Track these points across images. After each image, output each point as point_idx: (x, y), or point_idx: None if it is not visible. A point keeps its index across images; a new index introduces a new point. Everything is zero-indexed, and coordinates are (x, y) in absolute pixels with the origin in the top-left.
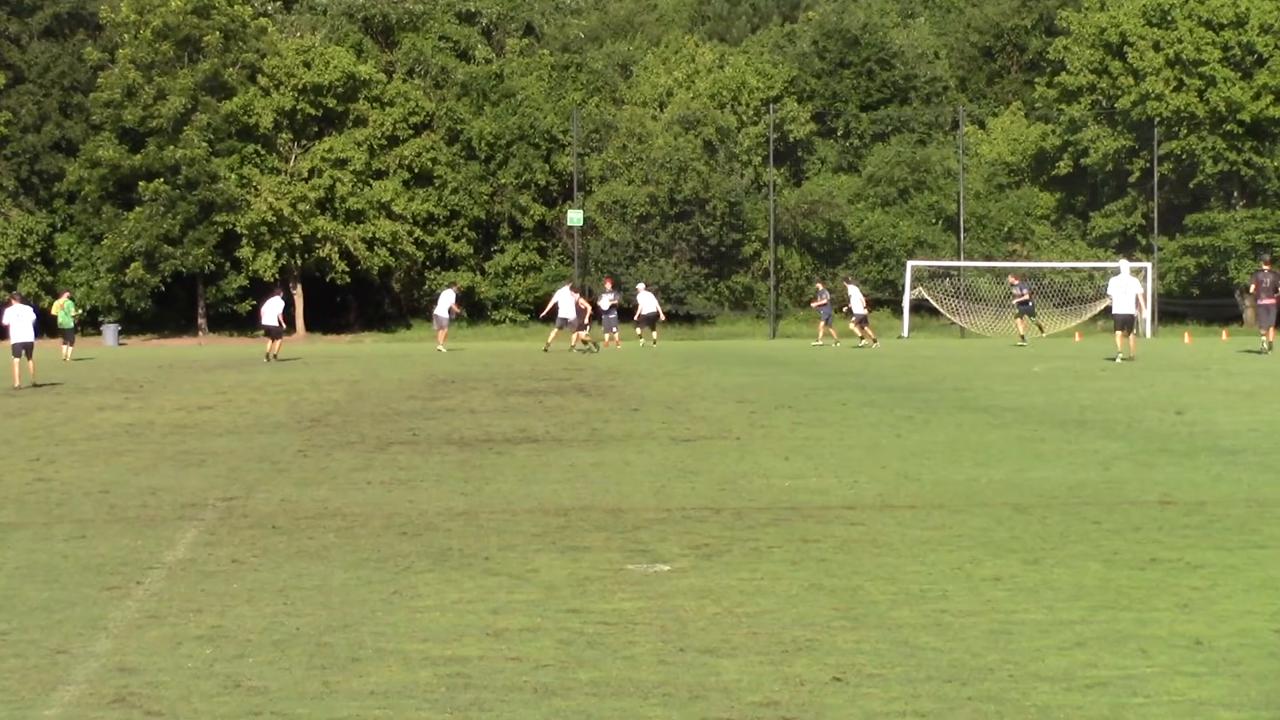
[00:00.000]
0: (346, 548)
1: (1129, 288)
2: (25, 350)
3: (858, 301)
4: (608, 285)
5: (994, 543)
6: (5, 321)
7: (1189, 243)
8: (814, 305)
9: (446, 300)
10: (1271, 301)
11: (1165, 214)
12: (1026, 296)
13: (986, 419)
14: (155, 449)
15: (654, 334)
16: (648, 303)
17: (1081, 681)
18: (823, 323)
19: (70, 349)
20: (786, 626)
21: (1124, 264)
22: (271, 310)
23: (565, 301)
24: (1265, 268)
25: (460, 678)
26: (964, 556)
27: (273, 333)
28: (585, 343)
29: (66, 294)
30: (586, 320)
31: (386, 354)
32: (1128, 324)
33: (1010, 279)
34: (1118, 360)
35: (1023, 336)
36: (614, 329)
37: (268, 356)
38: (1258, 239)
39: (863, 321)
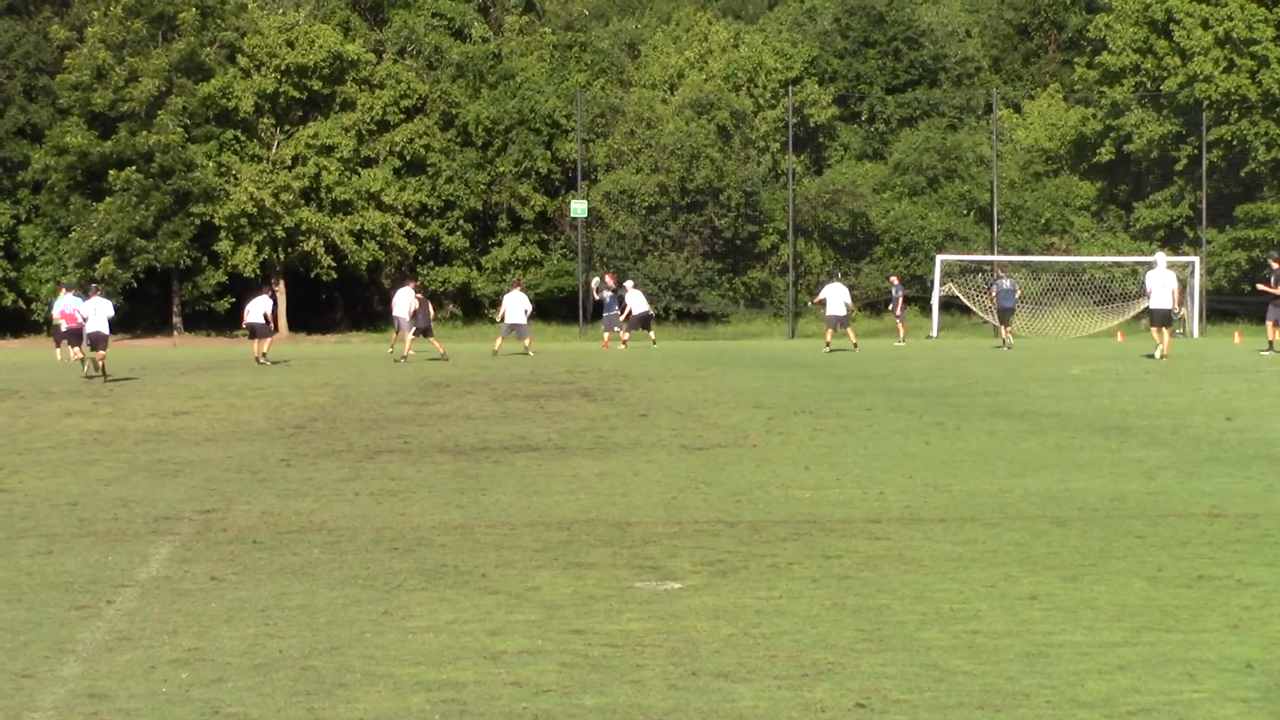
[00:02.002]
0: (333, 564)
1: (1166, 281)
2: (97, 342)
3: (837, 303)
4: (609, 280)
5: (1030, 559)
6: (83, 315)
7: (1240, 235)
8: (897, 311)
9: (406, 299)
10: None
11: (1214, 204)
12: (902, 299)
13: (1022, 426)
14: (127, 458)
15: (651, 334)
16: (639, 302)
17: (1124, 708)
18: (898, 320)
19: (77, 349)
20: (806, 649)
21: (1160, 256)
22: (257, 308)
23: (401, 301)
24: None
25: (455, 704)
26: (998, 573)
27: (258, 331)
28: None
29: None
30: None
31: (375, 355)
32: (1165, 319)
33: (893, 279)
34: (1157, 357)
35: (902, 337)
36: (617, 327)
37: (259, 359)
38: None
39: (844, 323)
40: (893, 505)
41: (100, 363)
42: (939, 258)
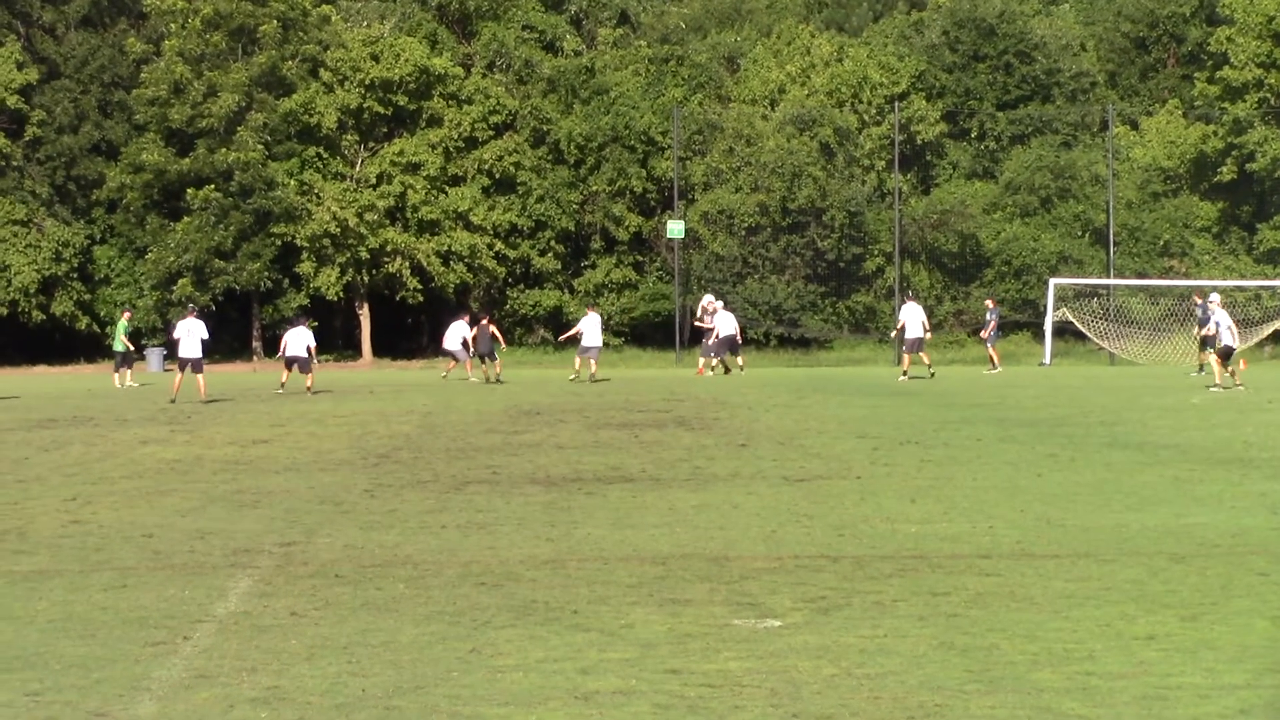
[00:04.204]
0: (418, 600)
1: (1224, 317)
2: (190, 366)
3: (915, 325)
4: (709, 305)
5: (1147, 596)
6: (176, 335)
7: None
8: (984, 334)
9: (459, 331)
10: None
11: None
12: (995, 324)
13: (1139, 457)
14: (204, 488)
15: (739, 359)
16: (727, 324)
17: None
18: (990, 347)
19: (118, 374)
20: (912, 690)
21: (1215, 296)
22: (299, 340)
23: (454, 335)
24: None
25: None
26: (1113, 612)
27: (302, 365)
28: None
29: (126, 313)
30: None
31: (463, 382)
32: (1229, 352)
33: (988, 302)
34: (1225, 386)
35: (995, 364)
36: (710, 354)
37: (282, 386)
38: None
39: (920, 346)
40: (1003, 540)
41: (200, 388)
42: (1052, 281)
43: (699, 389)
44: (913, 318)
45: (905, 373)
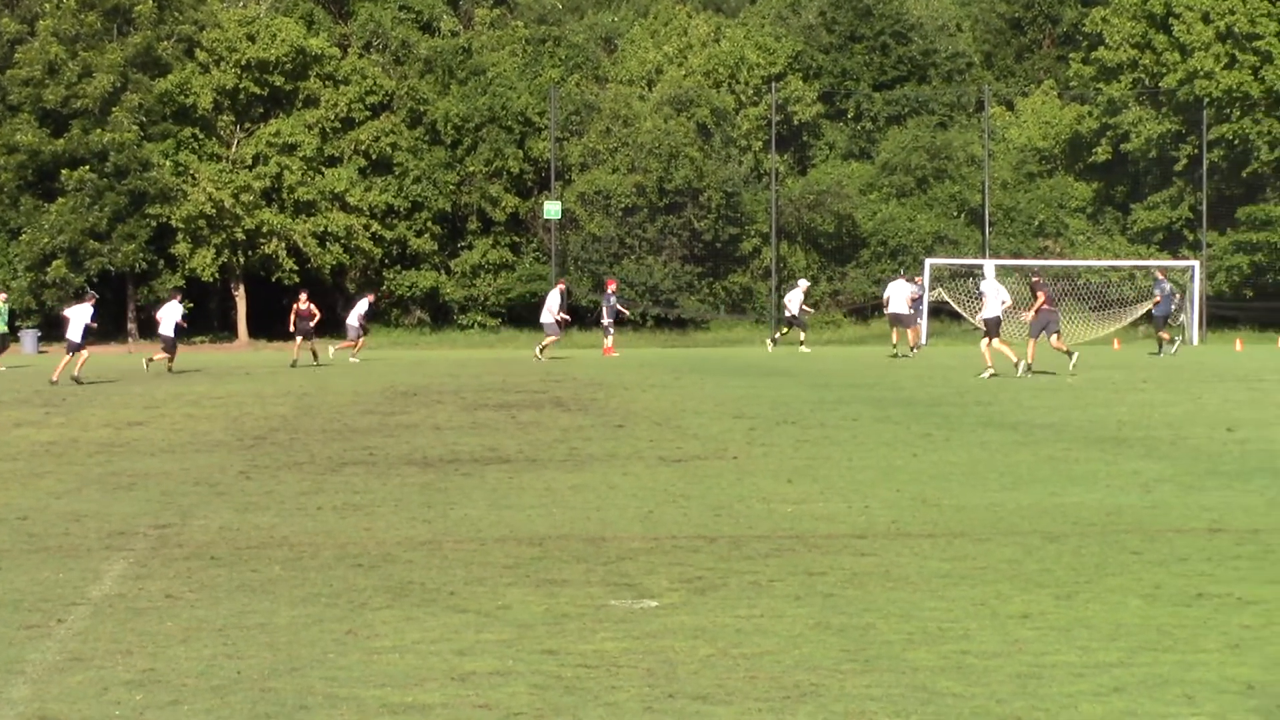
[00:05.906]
0: (294, 581)
1: (998, 291)
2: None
3: (900, 301)
4: (610, 287)
5: (1022, 575)
6: (159, 317)
7: (1241, 238)
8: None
9: (360, 310)
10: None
11: (1215, 206)
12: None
13: (1014, 437)
14: (79, 470)
15: (801, 334)
16: (792, 302)
17: None
18: (912, 327)
19: None
20: (789, 669)
21: (989, 264)
22: (170, 317)
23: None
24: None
25: None
26: (988, 591)
27: (169, 345)
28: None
29: (1, 295)
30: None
31: (339, 364)
32: (998, 328)
33: (916, 279)
34: (987, 375)
35: (912, 347)
36: (611, 331)
37: (148, 364)
38: None
39: (906, 322)
40: (879, 520)
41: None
42: (928, 261)
43: (576, 370)
44: (898, 294)
45: (914, 348)
